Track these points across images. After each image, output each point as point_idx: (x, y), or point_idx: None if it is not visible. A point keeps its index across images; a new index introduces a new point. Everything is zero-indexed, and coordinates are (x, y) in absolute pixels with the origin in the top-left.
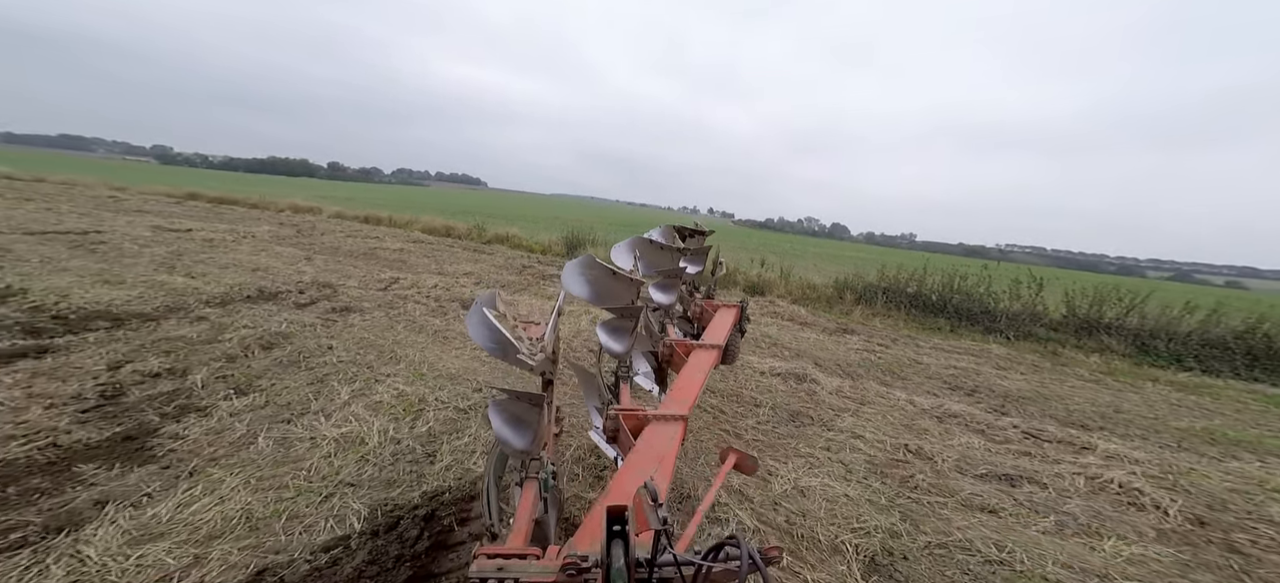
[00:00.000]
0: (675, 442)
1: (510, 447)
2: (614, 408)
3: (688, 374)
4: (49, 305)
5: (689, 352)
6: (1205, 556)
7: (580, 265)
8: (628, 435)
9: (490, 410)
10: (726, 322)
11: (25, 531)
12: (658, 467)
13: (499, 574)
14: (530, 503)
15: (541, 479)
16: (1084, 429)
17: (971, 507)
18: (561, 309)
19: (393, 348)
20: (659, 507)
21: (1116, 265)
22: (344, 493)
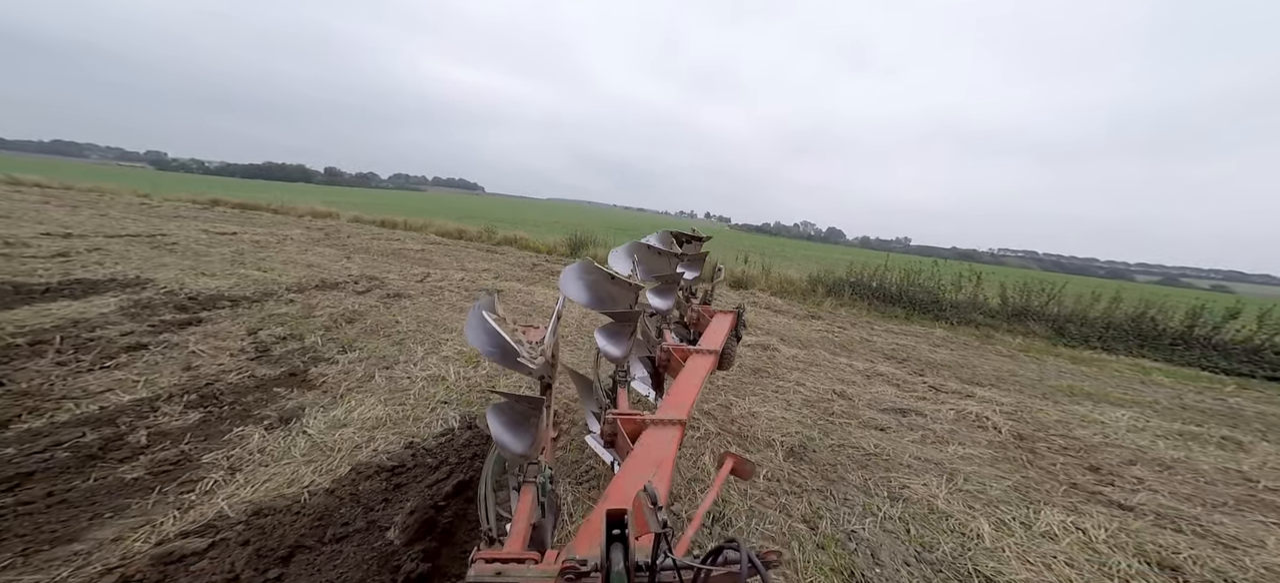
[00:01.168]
0: (673, 445)
1: (508, 451)
2: (612, 413)
3: (685, 379)
4: (177, 291)
5: (686, 357)
6: (1011, 454)
7: (579, 270)
8: (625, 440)
9: (489, 415)
10: (723, 328)
11: (270, 420)
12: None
13: (497, 579)
14: (528, 507)
15: (539, 483)
16: (976, 385)
17: (868, 426)
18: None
19: (444, 322)
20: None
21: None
22: (441, 407)
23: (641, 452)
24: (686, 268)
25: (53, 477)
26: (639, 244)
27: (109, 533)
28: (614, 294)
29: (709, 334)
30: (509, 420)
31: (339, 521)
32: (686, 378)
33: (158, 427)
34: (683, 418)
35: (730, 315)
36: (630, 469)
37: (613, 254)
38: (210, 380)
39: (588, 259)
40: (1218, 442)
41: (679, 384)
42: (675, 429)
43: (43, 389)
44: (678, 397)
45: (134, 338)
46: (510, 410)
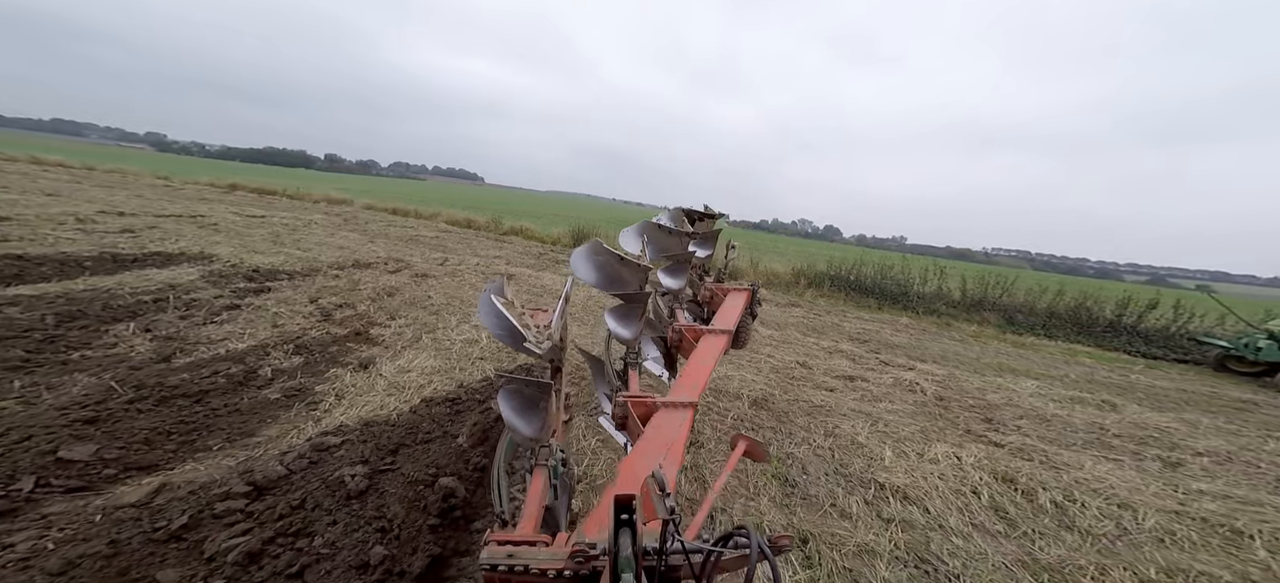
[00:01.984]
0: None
1: (519, 434)
2: (623, 394)
3: (697, 360)
4: (239, 265)
5: (698, 337)
6: (928, 409)
7: (588, 251)
8: (636, 422)
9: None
10: (737, 306)
11: (353, 365)
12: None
13: (509, 560)
14: (540, 490)
15: (551, 466)
16: (919, 361)
17: (820, 387)
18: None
19: (469, 299)
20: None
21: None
22: (479, 362)
23: (653, 433)
24: (698, 246)
25: (221, 395)
26: (649, 223)
27: (274, 432)
28: (624, 275)
29: (723, 313)
30: (519, 404)
31: (422, 431)
32: (699, 359)
33: (276, 366)
34: (694, 400)
35: (745, 293)
36: (641, 452)
37: (623, 234)
38: (297, 335)
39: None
40: (1098, 404)
41: (691, 365)
42: (687, 411)
43: (179, 335)
44: (690, 378)
45: (226, 301)
46: (520, 394)
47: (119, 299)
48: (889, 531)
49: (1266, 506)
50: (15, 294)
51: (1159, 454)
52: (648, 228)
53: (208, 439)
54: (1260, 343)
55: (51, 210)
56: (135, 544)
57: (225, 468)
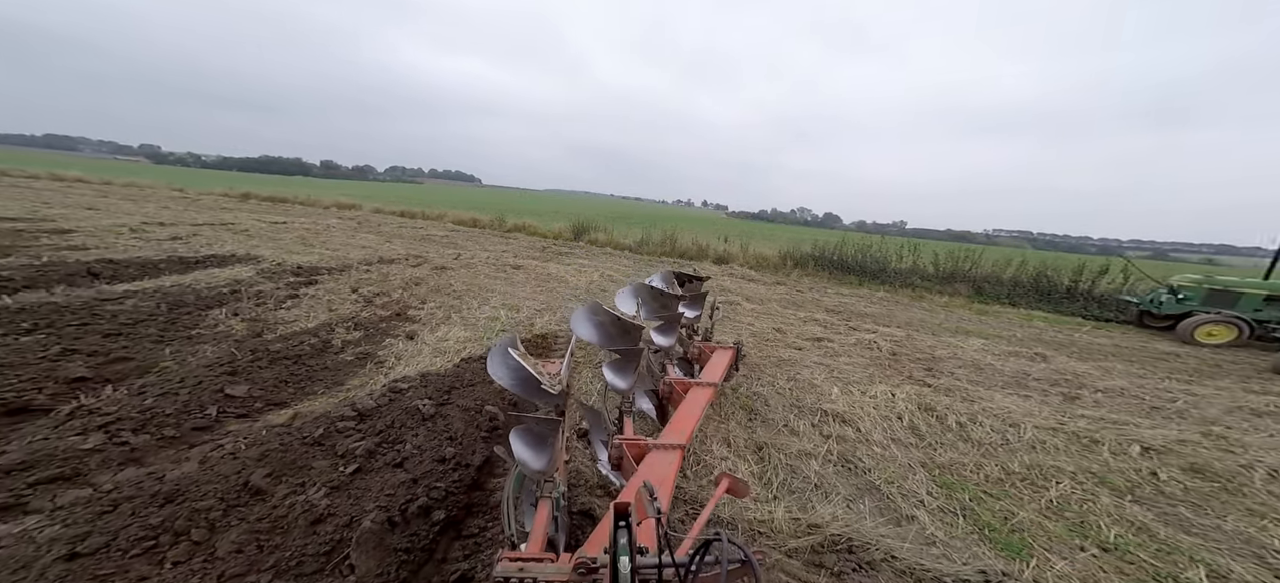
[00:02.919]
0: (674, 467)
1: (528, 468)
2: (618, 438)
3: (686, 409)
4: (284, 264)
5: (687, 389)
6: (879, 360)
7: (588, 311)
8: (630, 462)
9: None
10: (722, 362)
11: (401, 336)
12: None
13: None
14: (545, 517)
15: (554, 498)
16: (884, 325)
17: (790, 346)
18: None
19: (484, 287)
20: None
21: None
22: (501, 332)
23: (645, 470)
24: (687, 307)
25: (310, 358)
26: (643, 286)
27: (357, 380)
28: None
29: (709, 368)
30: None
31: (466, 379)
32: (687, 408)
33: (343, 338)
34: (683, 443)
35: (729, 351)
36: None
37: (619, 295)
38: (350, 316)
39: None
40: (1030, 356)
41: (680, 413)
42: (676, 453)
43: (260, 317)
44: (679, 424)
45: (284, 292)
46: (530, 432)
47: (203, 292)
48: (826, 442)
49: (1128, 425)
50: (124, 290)
51: (1063, 391)
52: (642, 290)
53: (313, 386)
54: (1162, 297)
55: (102, 223)
56: (294, 445)
57: (334, 402)
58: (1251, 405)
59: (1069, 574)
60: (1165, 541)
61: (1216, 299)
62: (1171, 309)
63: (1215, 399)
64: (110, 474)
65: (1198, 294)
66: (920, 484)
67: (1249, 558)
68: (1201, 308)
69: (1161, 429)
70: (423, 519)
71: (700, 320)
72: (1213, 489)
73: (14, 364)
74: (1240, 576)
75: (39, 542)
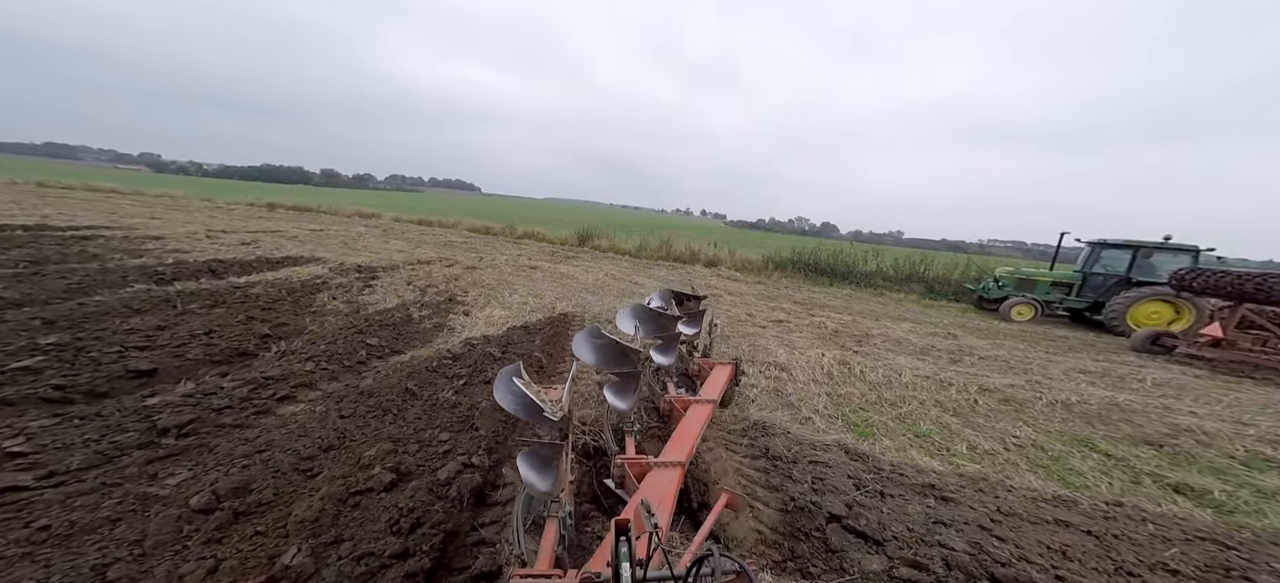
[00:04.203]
0: (674, 484)
1: (535, 489)
2: (620, 457)
3: (686, 426)
4: (345, 263)
5: (687, 407)
6: (823, 336)
7: (588, 335)
8: (632, 481)
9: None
10: (722, 378)
11: (460, 313)
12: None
13: None
14: (552, 536)
15: (561, 518)
16: (837, 313)
17: (758, 325)
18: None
19: (511, 281)
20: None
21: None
22: (533, 313)
23: (647, 488)
24: (686, 325)
25: (401, 326)
26: (640, 307)
27: (439, 341)
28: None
29: (709, 384)
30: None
31: (514, 340)
32: (687, 425)
33: (418, 314)
34: (683, 460)
35: (729, 367)
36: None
37: (619, 315)
38: (416, 300)
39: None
40: (944, 336)
41: (680, 430)
42: (676, 470)
43: (352, 301)
44: (679, 441)
45: (359, 284)
46: (536, 455)
47: (301, 283)
48: (765, 380)
49: (982, 376)
50: (247, 281)
51: (951, 357)
52: (640, 310)
53: (413, 342)
54: (989, 285)
55: (176, 230)
56: (421, 372)
57: (431, 352)
58: (1082, 368)
59: (889, 446)
60: (955, 432)
61: (1022, 286)
62: (995, 294)
63: (1058, 364)
64: (328, 384)
65: (1011, 282)
66: (821, 403)
67: (997, 440)
68: (1014, 293)
69: (1003, 379)
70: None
71: (699, 338)
72: (1007, 410)
73: (221, 328)
74: (985, 447)
75: (317, 412)
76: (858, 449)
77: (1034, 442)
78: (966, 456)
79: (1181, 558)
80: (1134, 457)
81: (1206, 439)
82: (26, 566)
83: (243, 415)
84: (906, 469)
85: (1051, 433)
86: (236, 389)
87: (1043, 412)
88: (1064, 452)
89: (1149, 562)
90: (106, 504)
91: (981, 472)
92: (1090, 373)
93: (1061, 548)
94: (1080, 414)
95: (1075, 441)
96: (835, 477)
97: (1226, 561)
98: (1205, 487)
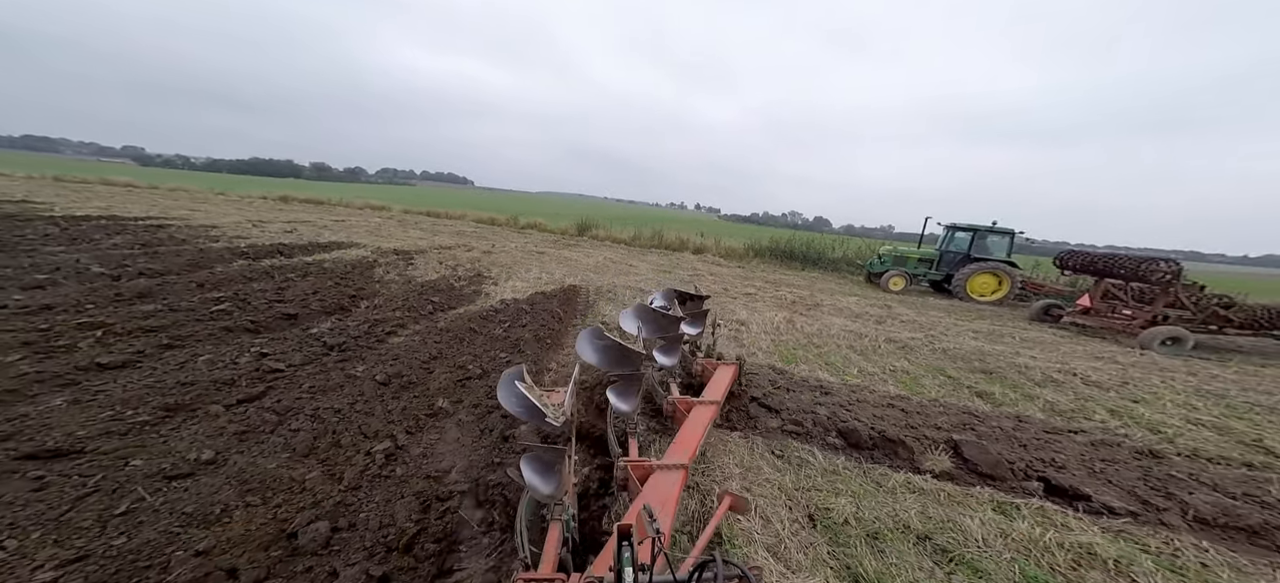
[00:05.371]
0: (677, 487)
1: (538, 493)
2: (623, 460)
3: (689, 427)
4: (384, 247)
5: (690, 408)
6: (781, 305)
7: (590, 335)
8: (635, 483)
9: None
10: (725, 379)
11: (490, 283)
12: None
13: None
14: (556, 539)
15: (564, 521)
16: (799, 290)
17: (730, 297)
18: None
19: (525, 263)
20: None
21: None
22: (547, 283)
23: (650, 491)
24: (689, 325)
25: (448, 292)
26: (644, 307)
27: (480, 301)
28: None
29: (712, 385)
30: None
31: (538, 302)
32: (690, 427)
33: (458, 284)
34: (686, 463)
35: (732, 368)
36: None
37: (622, 315)
38: (451, 275)
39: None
40: (881, 307)
41: (683, 432)
42: (679, 473)
43: (401, 274)
44: (682, 444)
45: (400, 262)
46: (538, 459)
47: (356, 261)
48: (727, 331)
49: (892, 332)
50: (314, 259)
51: (877, 320)
52: (643, 311)
53: (461, 302)
54: (874, 262)
55: (223, 220)
56: (475, 318)
57: (476, 309)
58: (976, 329)
59: (803, 369)
60: (853, 362)
61: (898, 262)
62: (878, 269)
63: (960, 327)
64: (415, 325)
65: (890, 260)
66: (764, 345)
67: (879, 368)
68: (891, 268)
69: (908, 334)
70: (545, 338)
71: (702, 338)
72: (899, 352)
73: (320, 291)
74: (869, 370)
75: (417, 340)
76: (781, 369)
77: (905, 370)
78: (855, 375)
79: (946, 419)
80: (966, 379)
81: (1024, 371)
82: (313, 400)
83: (371, 342)
84: (810, 379)
85: (921, 366)
86: (357, 327)
87: (924, 354)
88: (922, 375)
89: (927, 424)
90: (331, 379)
91: (859, 383)
92: (980, 333)
93: (874, 418)
94: (950, 356)
95: (934, 370)
96: (760, 380)
97: (971, 422)
98: (994, 393)
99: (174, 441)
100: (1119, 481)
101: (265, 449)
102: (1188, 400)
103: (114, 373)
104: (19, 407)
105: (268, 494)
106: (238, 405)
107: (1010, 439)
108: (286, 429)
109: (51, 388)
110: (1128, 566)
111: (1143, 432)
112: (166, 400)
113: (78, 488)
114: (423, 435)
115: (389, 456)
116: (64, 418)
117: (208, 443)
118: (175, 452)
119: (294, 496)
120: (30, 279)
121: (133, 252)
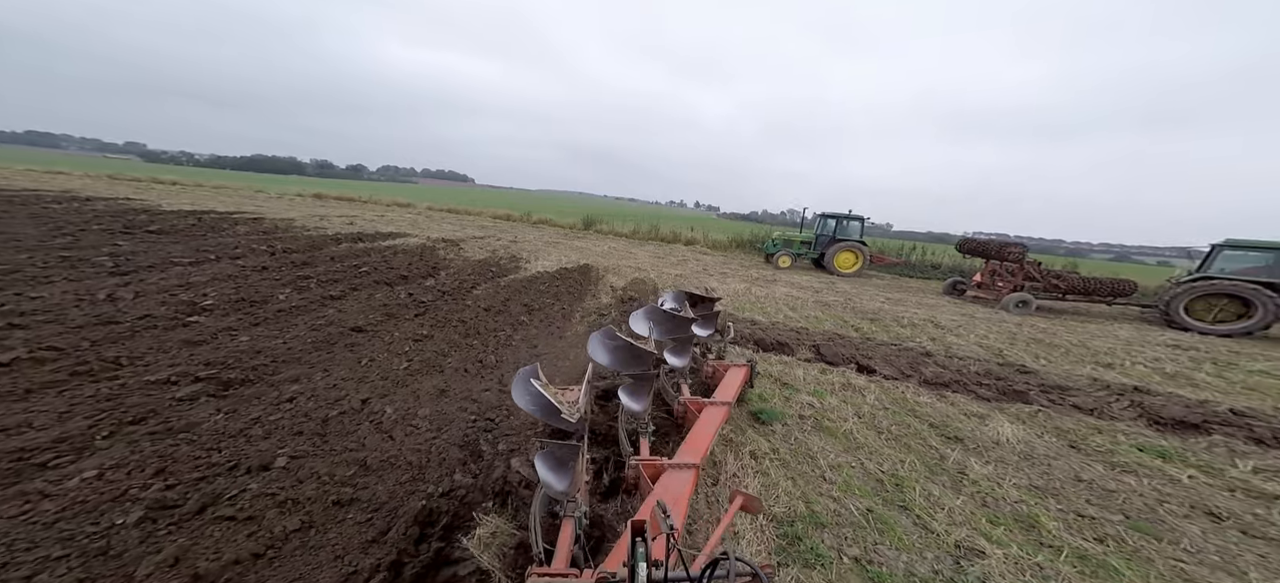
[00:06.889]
0: (689, 486)
1: (552, 489)
2: (635, 459)
3: (700, 428)
4: (432, 237)
5: (701, 409)
6: (749, 281)
7: (603, 336)
8: (647, 482)
9: (536, 459)
10: (736, 381)
11: (526, 261)
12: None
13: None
14: (569, 535)
15: (577, 517)
16: (764, 271)
17: (709, 276)
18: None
19: (545, 250)
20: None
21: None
22: (567, 263)
23: (661, 490)
24: (700, 326)
25: (495, 266)
26: (655, 309)
27: (519, 272)
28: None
29: (723, 386)
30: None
31: (564, 274)
32: (702, 427)
33: (504, 261)
34: (697, 462)
35: (743, 369)
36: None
37: (632, 317)
38: (494, 255)
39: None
40: (827, 284)
41: (694, 432)
42: (691, 472)
43: (457, 255)
44: (693, 443)
45: (453, 248)
46: (552, 455)
47: (416, 246)
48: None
49: (822, 299)
50: (388, 245)
51: (817, 291)
52: (654, 312)
53: (507, 274)
54: (768, 245)
55: (289, 215)
56: (521, 283)
57: (519, 278)
58: (889, 296)
59: (747, 313)
60: (782, 311)
61: (786, 244)
62: (771, 250)
63: (879, 295)
64: (484, 286)
65: (780, 243)
66: (727, 302)
67: (801, 315)
68: (780, 249)
69: (834, 297)
70: (574, 292)
71: (713, 339)
72: (820, 307)
73: (396, 267)
74: (793, 317)
75: (490, 295)
76: (732, 313)
77: (817, 316)
78: (779, 318)
79: (822, 338)
80: (853, 322)
81: (898, 319)
82: (456, 315)
83: (462, 292)
84: (749, 318)
85: (832, 315)
86: (447, 285)
87: (837, 309)
88: (824, 319)
89: (809, 340)
90: (456, 308)
91: (780, 321)
92: (891, 300)
93: (780, 336)
94: (856, 311)
95: (837, 318)
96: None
97: (836, 339)
98: (866, 328)
99: (402, 327)
100: (897, 364)
101: (448, 334)
102: (986, 334)
103: (338, 302)
104: (325, 310)
105: (466, 351)
106: (418, 317)
107: (854, 347)
108: (452, 327)
109: (322, 302)
110: (863, 388)
111: (934, 347)
112: (385, 311)
113: (373, 347)
114: (517, 331)
115: (506, 338)
116: (346, 317)
117: (419, 329)
118: (408, 332)
119: (474, 352)
120: (230, 252)
121: (266, 237)
